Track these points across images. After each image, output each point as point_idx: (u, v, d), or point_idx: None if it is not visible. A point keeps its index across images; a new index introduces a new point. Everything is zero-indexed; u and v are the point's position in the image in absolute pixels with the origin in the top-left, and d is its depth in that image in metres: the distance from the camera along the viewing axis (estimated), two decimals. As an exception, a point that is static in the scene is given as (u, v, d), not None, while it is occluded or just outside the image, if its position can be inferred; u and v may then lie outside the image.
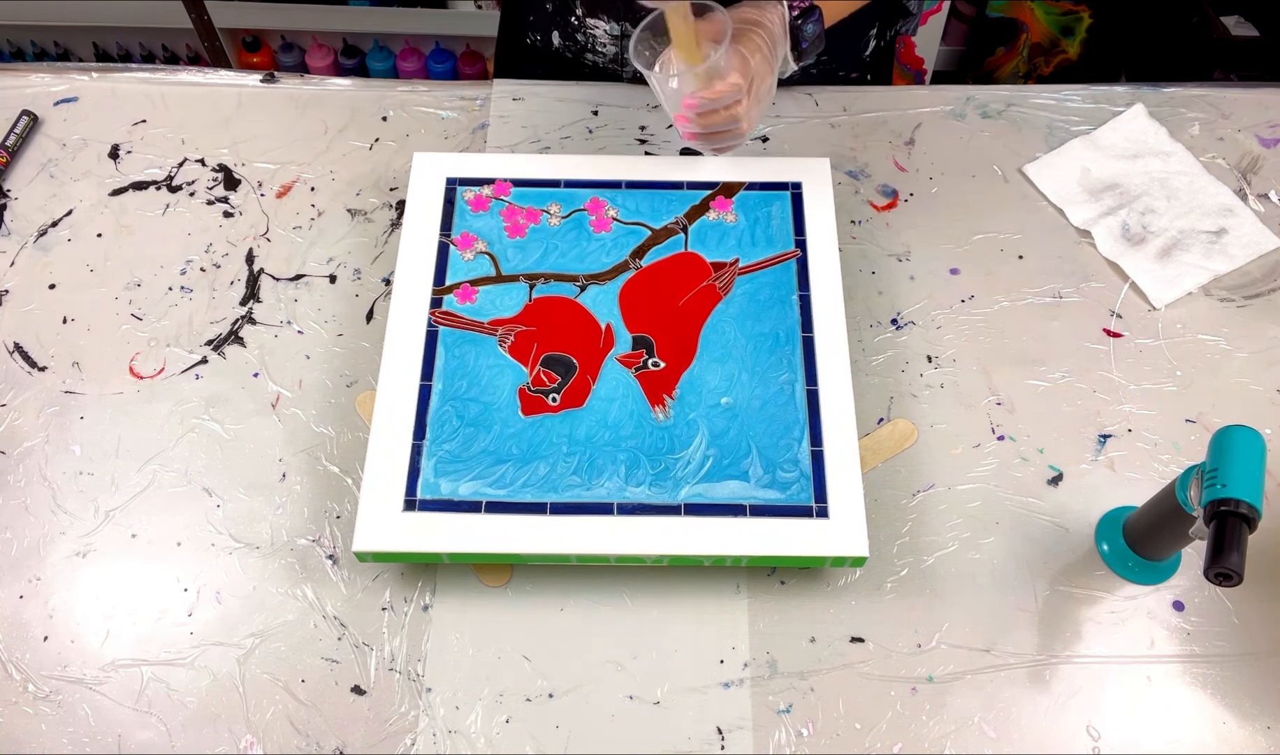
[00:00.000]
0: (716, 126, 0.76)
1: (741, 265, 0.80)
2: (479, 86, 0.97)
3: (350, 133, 0.95)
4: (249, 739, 0.67)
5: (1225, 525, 0.58)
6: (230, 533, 0.74)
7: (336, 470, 0.76)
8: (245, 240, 0.88)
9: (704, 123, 0.75)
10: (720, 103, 0.73)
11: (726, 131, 0.77)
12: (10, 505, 0.75)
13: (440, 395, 0.74)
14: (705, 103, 0.74)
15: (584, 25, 0.93)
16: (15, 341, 0.83)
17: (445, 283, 0.79)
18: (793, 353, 0.75)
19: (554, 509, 0.69)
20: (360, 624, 0.70)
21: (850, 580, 0.72)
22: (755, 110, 0.77)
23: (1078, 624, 0.70)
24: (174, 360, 0.82)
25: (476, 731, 0.67)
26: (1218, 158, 0.92)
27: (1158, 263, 0.86)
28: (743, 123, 0.76)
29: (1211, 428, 0.77)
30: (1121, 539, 0.72)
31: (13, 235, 0.89)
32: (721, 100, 0.73)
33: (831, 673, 0.69)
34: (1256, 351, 0.81)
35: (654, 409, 0.73)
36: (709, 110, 0.74)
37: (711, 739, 0.66)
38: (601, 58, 0.95)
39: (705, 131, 0.77)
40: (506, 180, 0.84)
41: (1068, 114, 0.95)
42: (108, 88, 0.98)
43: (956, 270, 0.86)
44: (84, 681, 0.69)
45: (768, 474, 0.71)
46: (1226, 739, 0.66)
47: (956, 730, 0.67)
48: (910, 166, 0.92)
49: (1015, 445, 0.77)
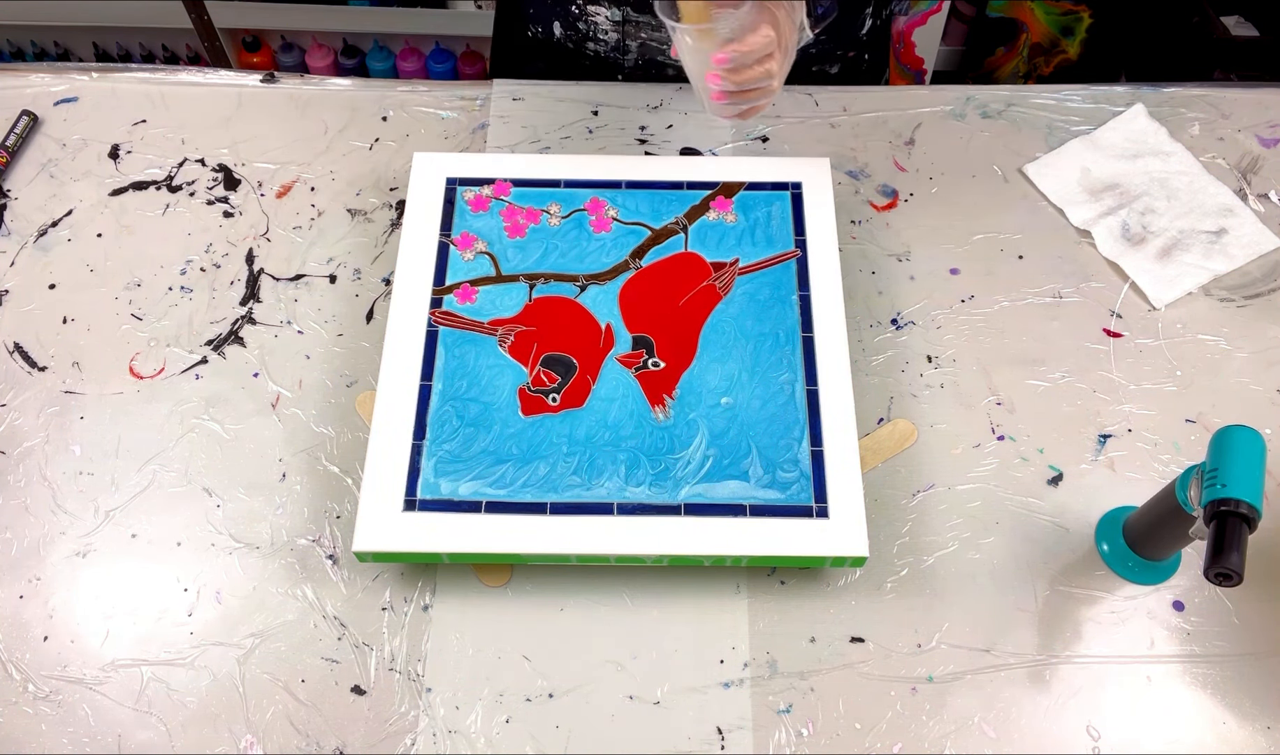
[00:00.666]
0: (749, 84, 0.71)
1: (741, 265, 0.80)
2: (479, 86, 0.97)
3: (350, 133, 0.95)
4: (249, 739, 0.67)
5: (1225, 525, 0.58)
6: (230, 533, 0.74)
7: (336, 470, 0.76)
8: (245, 240, 0.88)
9: (737, 79, 0.71)
10: (753, 56, 0.69)
11: (758, 89, 0.72)
12: (10, 505, 0.75)
13: (440, 395, 0.74)
14: (738, 56, 0.69)
15: (585, 13, 0.93)
16: (15, 341, 0.83)
17: (445, 283, 0.79)
18: (793, 353, 0.75)
19: (554, 509, 0.69)
20: (360, 624, 0.70)
21: (850, 580, 0.72)
22: (786, 65, 0.73)
23: (1078, 624, 0.70)
24: (174, 360, 0.82)
25: (476, 731, 0.67)
26: (1218, 158, 0.92)
27: (1158, 263, 0.86)
28: (775, 79, 0.72)
29: (1211, 428, 0.77)
30: (1121, 539, 0.72)
31: (13, 235, 0.89)
32: (754, 53, 0.69)
33: (831, 673, 0.69)
34: (1256, 351, 0.81)
35: (654, 409, 0.73)
36: (741, 67, 0.70)
37: (711, 739, 0.66)
38: (603, 46, 0.95)
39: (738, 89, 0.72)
40: (506, 180, 0.84)
41: (1068, 114, 0.95)
42: (108, 88, 0.98)
43: (956, 270, 0.86)
44: (84, 681, 0.69)
45: (768, 474, 0.71)
46: (1226, 739, 0.66)
47: (956, 730, 0.67)
48: (910, 166, 0.92)
49: (1015, 445, 0.77)
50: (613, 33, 0.94)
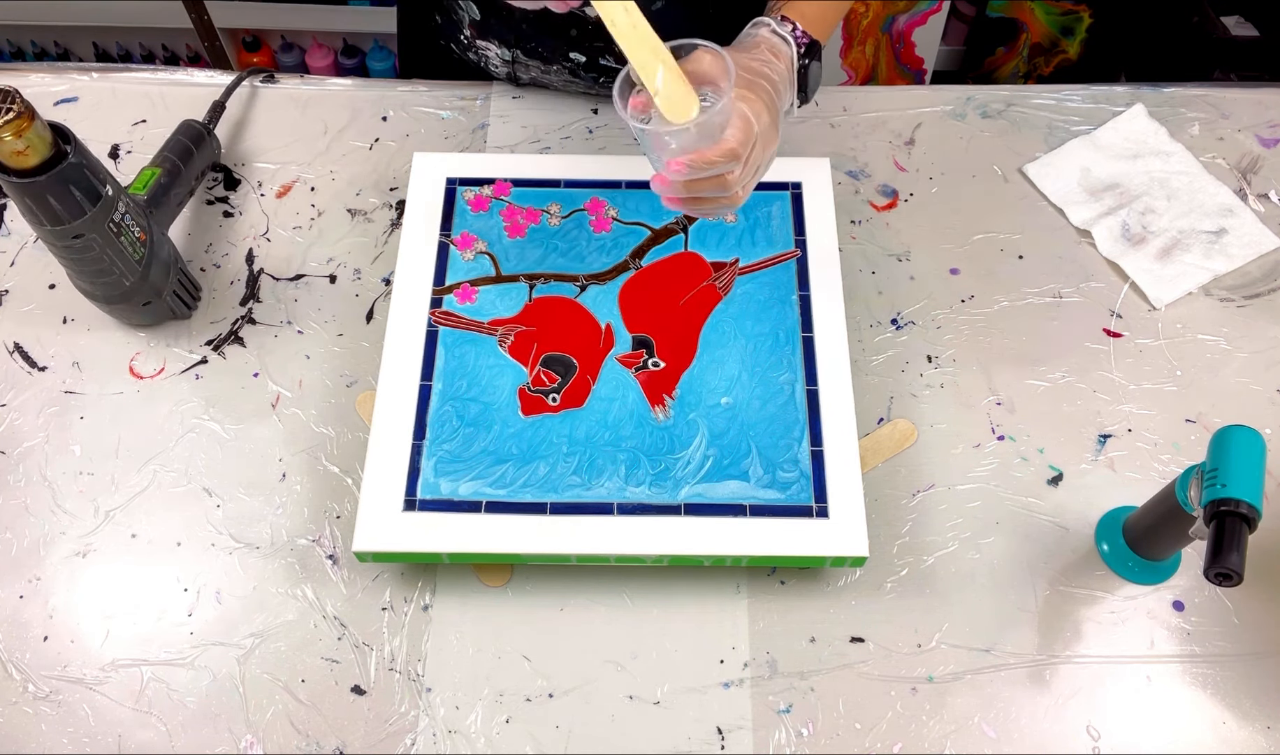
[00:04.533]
0: (702, 193, 0.64)
1: (741, 265, 0.80)
2: (479, 87, 0.97)
3: (350, 133, 0.95)
4: (249, 739, 0.67)
5: (1225, 525, 0.58)
6: (230, 533, 0.74)
7: (336, 470, 0.76)
8: (245, 240, 0.88)
9: (690, 189, 0.63)
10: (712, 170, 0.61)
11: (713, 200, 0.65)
12: (10, 505, 0.75)
13: (440, 395, 0.74)
14: (695, 167, 0.61)
15: (474, 44, 0.92)
16: (15, 341, 0.83)
17: (445, 283, 0.79)
18: (793, 353, 0.75)
19: (554, 509, 0.69)
20: (360, 624, 0.70)
21: (850, 580, 0.72)
22: (752, 181, 0.65)
23: (1078, 624, 0.70)
24: (174, 360, 0.82)
25: (476, 731, 0.67)
26: (1218, 158, 0.92)
27: (1158, 263, 0.86)
28: (735, 189, 0.63)
29: (1211, 428, 0.77)
30: (1121, 539, 0.72)
31: (13, 235, 0.89)
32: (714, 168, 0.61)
33: (831, 673, 0.69)
34: (1256, 351, 0.81)
35: (654, 409, 0.73)
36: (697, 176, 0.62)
37: (711, 739, 0.66)
38: (497, 76, 0.95)
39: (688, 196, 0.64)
40: (506, 180, 0.84)
41: (1068, 114, 0.95)
42: (108, 88, 0.98)
43: (956, 270, 0.86)
44: (84, 681, 0.69)
45: (768, 474, 0.71)
46: (1226, 739, 0.66)
47: (956, 730, 0.67)
48: (910, 166, 0.92)
49: (1015, 445, 0.77)
50: (503, 69, 0.93)
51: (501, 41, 0.89)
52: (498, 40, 0.89)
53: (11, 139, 0.65)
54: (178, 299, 0.81)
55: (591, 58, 0.87)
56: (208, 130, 0.89)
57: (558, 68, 0.89)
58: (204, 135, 0.88)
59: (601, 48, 0.86)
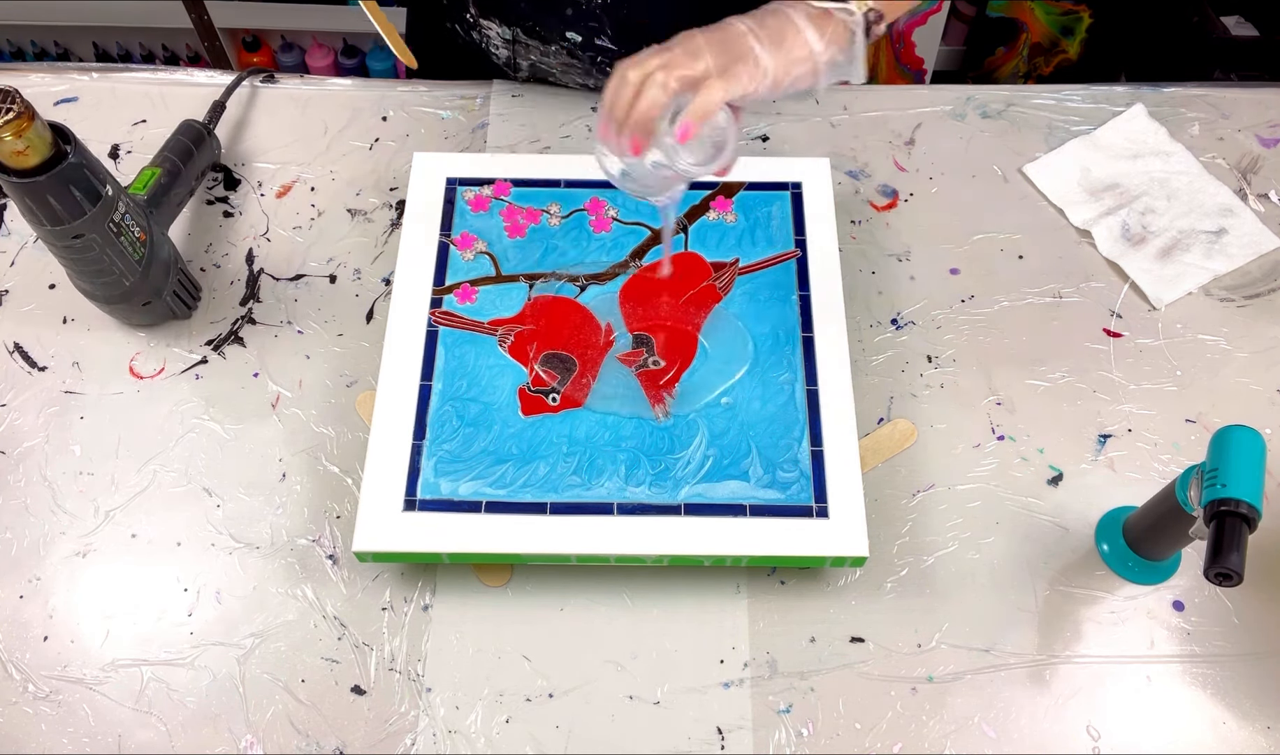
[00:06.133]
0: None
1: (741, 265, 0.80)
2: (479, 86, 0.97)
3: (350, 133, 0.95)
4: (249, 739, 0.67)
5: (1225, 525, 0.58)
6: (230, 533, 0.74)
7: (336, 470, 0.76)
8: (245, 240, 0.88)
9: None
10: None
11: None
12: (10, 505, 0.75)
13: (440, 395, 0.74)
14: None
15: (478, 23, 0.92)
16: (15, 341, 0.83)
17: (445, 283, 0.79)
18: (793, 353, 0.75)
19: (554, 509, 0.69)
20: (360, 624, 0.70)
21: (850, 580, 0.72)
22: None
23: (1078, 624, 0.70)
24: (174, 360, 0.82)
25: (476, 731, 0.67)
26: (1218, 158, 0.92)
27: (1158, 263, 0.86)
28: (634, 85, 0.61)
29: (1211, 428, 0.77)
30: (1121, 539, 0.72)
31: (13, 235, 0.89)
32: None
33: (831, 673, 0.69)
34: (1256, 351, 0.81)
35: (654, 409, 0.73)
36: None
37: (711, 739, 0.66)
38: (498, 59, 0.95)
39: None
40: (506, 180, 0.84)
41: (1068, 114, 0.95)
42: (108, 88, 0.98)
43: (956, 270, 0.86)
44: (84, 681, 0.69)
45: (768, 474, 0.71)
46: (1226, 739, 0.66)
47: (956, 730, 0.67)
48: (910, 166, 0.92)
49: (1015, 445, 0.77)
50: (504, 50, 0.93)
51: (503, 20, 0.90)
52: (499, 19, 0.90)
53: (11, 139, 0.65)
54: (178, 299, 0.81)
55: (587, 37, 0.88)
56: (208, 130, 0.89)
57: (556, 48, 0.90)
58: (204, 135, 0.88)
59: (596, 28, 0.86)
